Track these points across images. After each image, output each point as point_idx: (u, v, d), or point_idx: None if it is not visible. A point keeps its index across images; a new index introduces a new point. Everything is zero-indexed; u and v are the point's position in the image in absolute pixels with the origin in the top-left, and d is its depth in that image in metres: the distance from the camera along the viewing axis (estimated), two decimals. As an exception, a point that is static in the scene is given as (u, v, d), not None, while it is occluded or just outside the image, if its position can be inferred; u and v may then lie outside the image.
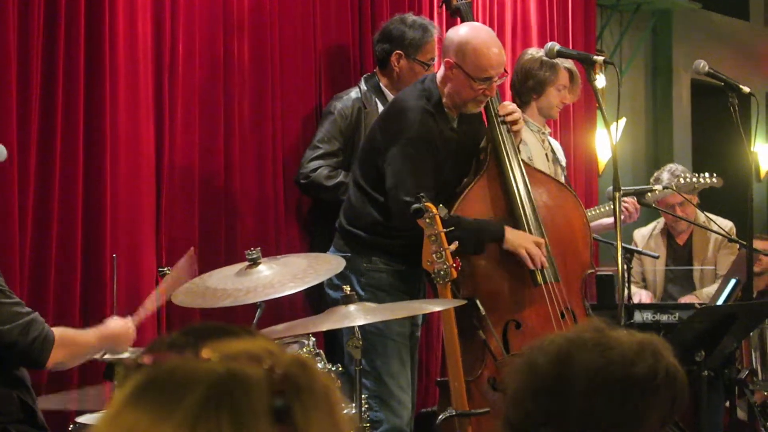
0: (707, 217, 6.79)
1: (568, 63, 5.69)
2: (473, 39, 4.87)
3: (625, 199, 6.01)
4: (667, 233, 7.43)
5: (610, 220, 6.25)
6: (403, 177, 4.80)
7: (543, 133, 5.77)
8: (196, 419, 1.24)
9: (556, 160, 5.84)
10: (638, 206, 6.29)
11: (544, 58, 5.51)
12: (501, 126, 5.09)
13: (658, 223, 7.49)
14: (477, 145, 5.16)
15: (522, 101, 5.75)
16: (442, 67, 4.97)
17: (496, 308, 4.98)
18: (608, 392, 1.94)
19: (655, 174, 7.24)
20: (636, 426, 1.96)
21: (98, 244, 4.94)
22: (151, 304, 4.12)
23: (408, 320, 5.01)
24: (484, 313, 4.89)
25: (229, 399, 1.26)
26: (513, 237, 4.93)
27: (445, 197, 4.89)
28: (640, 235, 7.52)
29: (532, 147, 5.66)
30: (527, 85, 5.71)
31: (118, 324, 3.90)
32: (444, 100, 4.93)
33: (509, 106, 5.16)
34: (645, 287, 7.34)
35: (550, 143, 5.84)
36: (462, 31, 4.98)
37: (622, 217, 6.07)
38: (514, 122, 5.11)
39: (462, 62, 4.85)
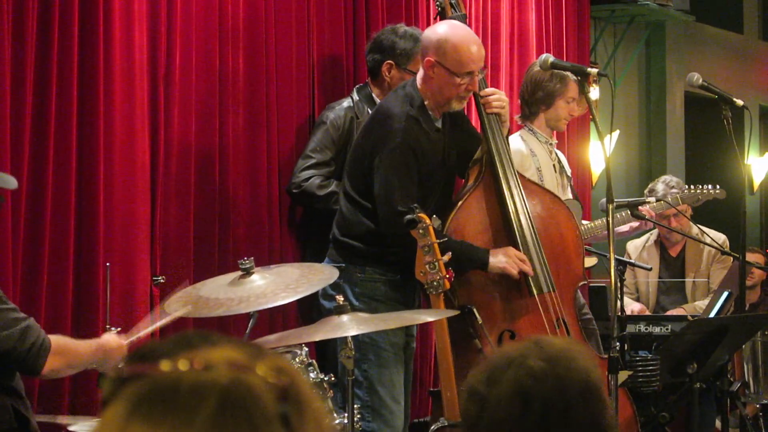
0: (700, 229, 6.81)
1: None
2: (452, 36, 4.90)
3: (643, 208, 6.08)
4: (660, 245, 7.44)
5: (624, 228, 6.28)
6: (390, 184, 4.81)
7: (550, 144, 5.80)
8: (215, 429, 1.23)
9: (562, 170, 5.87)
10: (653, 214, 6.34)
11: (555, 69, 5.53)
12: (497, 137, 5.11)
13: (651, 235, 7.50)
14: (463, 143, 5.16)
15: (530, 112, 5.78)
16: (421, 70, 4.98)
17: (491, 318, 4.99)
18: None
19: (650, 185, 7.25)
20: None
21: (91, 252, 4.93)
22: (145, 326, 4.12)
23: (402, 330, 5.01)
24: (481, 321, 4.90)
25: (243, 407, 1.26)
26: (495, 261, 4.94)
27: (438, 199, 4.91)
28: (633, 246, 7.53)
29: (541, 158, 5.69)
30: (536, 97, 5.74)
31: (113, 339, 3.88)
32: (426, 102, 4.94)
33: (493, 91, 5.19)
34: (638, 298, 7.35)
35: (556, 154, 5.87)
36: (440, 29, 4.99)
37: (638, 224, 6.11)
38: (500, 106, 5.13)
39: (443, 59, 4.87)
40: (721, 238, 7.11)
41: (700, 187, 6.83)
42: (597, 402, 2.00)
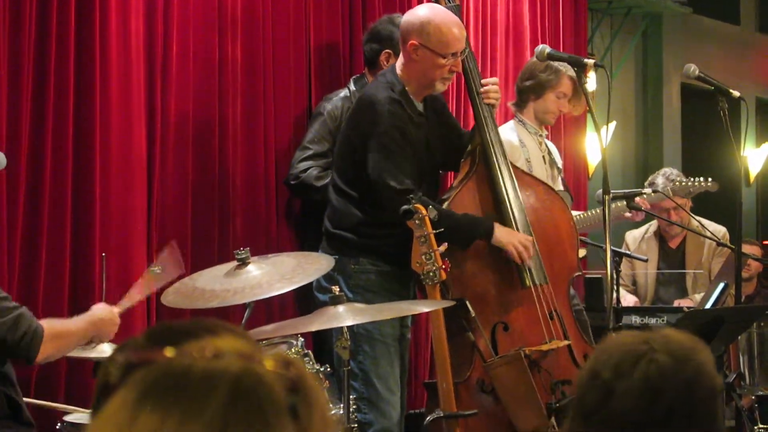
0: (699, 222, 6.80)
1: (574, 73, 5.68)
2: (434, 17, 4.93)
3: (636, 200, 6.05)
4: (660, 236, 7.42)
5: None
6: (384, 165, 4.81)
7: (540, 135, 5.79)
8: (226, 418, 1.23)
9: (552, 162, 5.86)
10: (648, 205, 6.31)
11: (552, 62, 5.52)
12: (490, 129, 5.12)
13: (651, 226, 7.48)
14: (446, 128, 5.18)
15: (521, 100, 5.78)
16: (401, 57, 4.99)
17: (485, 310, 4.99)
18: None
19: (650, 178, 7.22)
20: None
21: (87, 243, 4.93)
22: (136, 294, 4.11)
23: (397, 322, 5.01)
24: (473, 314, 4.90)
25: (254, 396, 1.26)
26: (501, 234, 4.95)
27: (426, 184, 4.92)
28: (632, 237, 7.52)
29: (530, 149, 5.69)
30: (527, 85, 5.73)
31: (103, 311, 3.89)
32: (408, 87, 4.95)
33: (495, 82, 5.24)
34: (635, 291, 7.34)
35: (546, 146, 5.85)
36: (421, 12, 5.02)
37: (629, 214, 6.07)
38: (496, 98, 5.19)
39: (427, 41, 4.89)
40: (721, 231, 7.10)
41: (692, 179, 6.82)
42: (717, 407, 2.03)
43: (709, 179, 6.79)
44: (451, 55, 4.90)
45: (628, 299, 7.13)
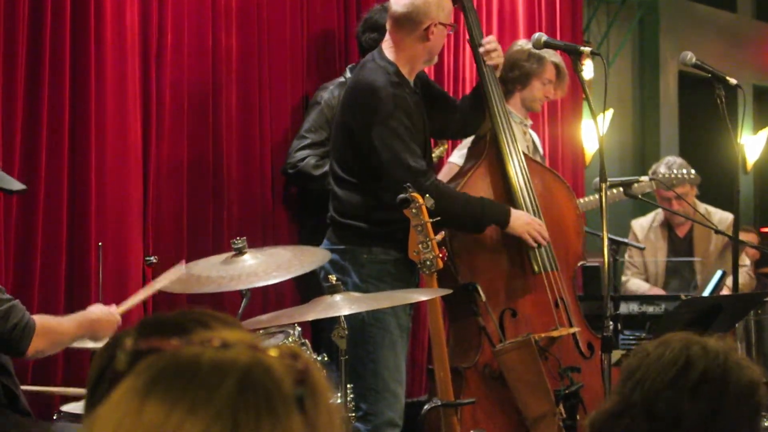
0: (706, 209, 6.80)
1: (557, 58, 5.70)
2: None
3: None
4: (667, 225, 7.42)
5: None
6: (399, 147, 4.78)
7: (525, 125, 5.79)
8: (235, 408, 1.22)
9: (536, 151, 5.87)
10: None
11: (533, 50, 5.52)
12: (501, 115, 5.13)
13: (658, 214, 7.47)
14: (437, 98, 5.23)
15: (507, 90, 5.77)
16: (390, 42, 4.97)
17: (493, 296, 4.99)
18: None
19: (653, 167, 7.22)
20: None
21: (84, 233, 4.93)
22: (138, 297, 4.08)
23: (408, 313, 4.99)
24: (484, 299, 4.90)
25: (263, 387, 1.25)
26: (517, 223, 4.95)
27: (428, 157, 4.97)
28: (639, 225, 7.52)
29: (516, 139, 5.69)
30: (512, 75, 5.73)
31: (100, 311, 3.84)
32: (402, 69, 4.94)
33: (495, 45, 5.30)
34: (647, 279, 7.33)
35: (531, 135, 5.86)
36: None
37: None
38: (499, 56, 5.26)
39: (438, 16, 4.94)
40: (729, 219, 7.09)
41: (674, 172, 6.84)
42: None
43: (692, 172, 6.82)
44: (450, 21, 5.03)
45: (643, 288, 7.13)
